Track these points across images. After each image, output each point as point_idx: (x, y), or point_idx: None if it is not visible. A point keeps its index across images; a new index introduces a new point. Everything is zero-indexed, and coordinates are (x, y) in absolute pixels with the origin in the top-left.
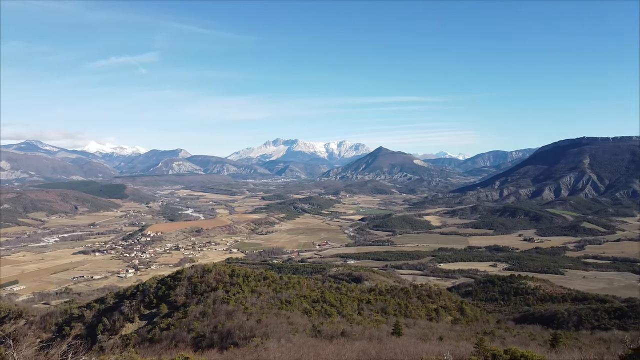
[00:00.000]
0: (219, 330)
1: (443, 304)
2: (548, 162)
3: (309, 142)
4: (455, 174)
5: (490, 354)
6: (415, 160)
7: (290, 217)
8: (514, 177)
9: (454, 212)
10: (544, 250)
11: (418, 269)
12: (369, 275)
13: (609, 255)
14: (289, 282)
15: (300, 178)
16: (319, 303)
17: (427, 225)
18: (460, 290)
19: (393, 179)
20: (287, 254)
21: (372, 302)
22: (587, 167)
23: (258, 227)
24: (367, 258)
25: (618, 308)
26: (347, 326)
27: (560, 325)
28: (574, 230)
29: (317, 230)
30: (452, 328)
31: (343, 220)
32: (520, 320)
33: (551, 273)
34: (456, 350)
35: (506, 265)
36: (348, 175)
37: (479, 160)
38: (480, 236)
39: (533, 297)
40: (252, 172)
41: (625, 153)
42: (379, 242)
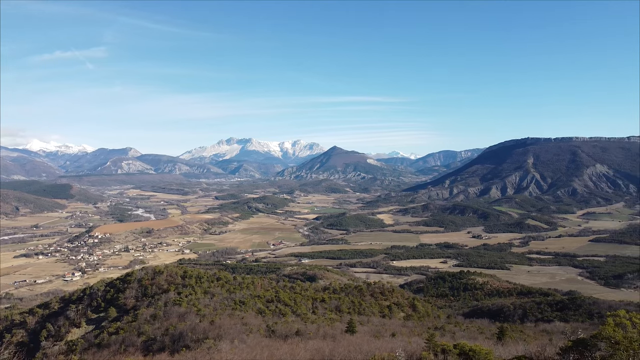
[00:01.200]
0: (170, 333)
1: (396, 301)
2: (495, 161)
3: (263, 141)
4: (407, 173)
5: (440, 349)
6: (369, 159)
7: (245, 216)
8: (463, 176)
9: (406, 210)
10: (491, 246)
11: (371, 267)
12: (323, 274)
13: (551, 250)
14: (243, 283)
15: (255, 177)
16: (274, 303)
17: (381, 223)
18: (412, 287)
19: (347, 178)
20: (241, 254)
21: (326, 301)
22: (531, 167)
23: (211, 227)
24: (322, 257)
25: (560, 301)
26: (301, 325)
27: (506, 319)
28: (519, 227)
29: (272, 230)
30: (404, 324)
31: (298, 219)
32: (470, 315)
33: (498, 268)
34: (408, 346)
35: (456, 262)
36: (302, 174)
37: (430, 159)
38: (432, 234)
39: (481, 292)
40: (205, 172)
41: (566, 153)
42: (333, 241)
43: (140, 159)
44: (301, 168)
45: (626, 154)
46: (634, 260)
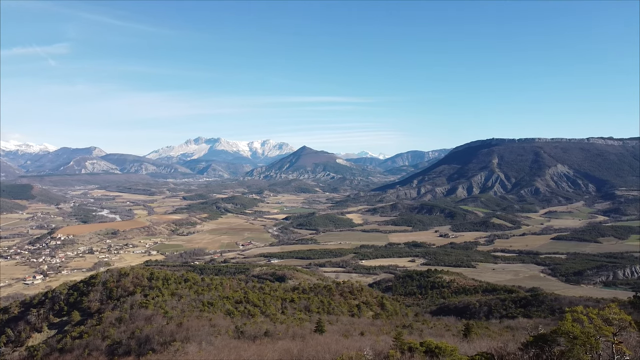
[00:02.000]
0: (136, 336)
1: (365, 300)
2: (461, 161)
3: (232, 140)
4: (376, 173)
5: (407, 347)
6: (338, 159)
7: (213, 217)
8: (430, 176)
9: (375, 210)
10: (458, 245)
11: (341, 266)
12: (292, 274)
13: (515, 248)
14: (212, 284)
15: (223, 177)
16: (242, 304)
17: (350, 223)
18: (381, 285)
19: (317, 178)
20: (209, 254)
21: (295, 301)
22: (496, 167)
23: (179, 228)
24: (291, 257)
25: (523, 297)
26: (270, 326)
27: (472, 316)
28: (484, 225)
29: (241, 230)
30: (373, 323)
31: (267, 219)
32: (437, 313)
33: (464, 266)
34: (376, 344)
35: (424, 260)
36: (272, 174)
37: (398, 159)
38: (400, 233)
39: (448, 290)
40: (172, 172)
41: (529, 154)
42: (302, 241)
43: (105, 158)
44: (270, 168)
45: (586, 155)
46: (593, 257)
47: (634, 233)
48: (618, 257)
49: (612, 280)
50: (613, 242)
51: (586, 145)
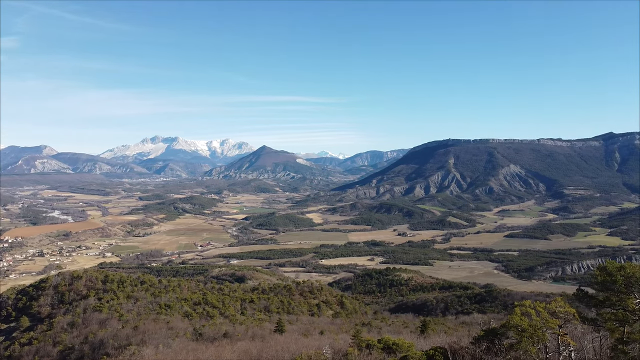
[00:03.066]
0: (90, 341)
1: (324, 299)
2: (419, 161)
3: (191, 140)
4: (336, 172)
5: (365, 345)
6: (298, 159)
7: (171, 217)
8: (389, 176)
9: (335, 209)
10: (415, 243)
11: (301, 266)
12: (252, 275)
13: (471, 246)
14: (169, 286)
15: (181, 177)
16: (201, 305)
17: (310, 222)
18: (340, 284)
19: (277, 178)
20: (167, 256)
21: (255, 301)
22: (452, 167)
23: (135, 229)
24: (251, 257)
25: (478, 293)
26: (229, 327)
27: (429, 312)
28: (441, 224)
29: (199, 231)
30: (332, 322)
31: (226, 219)
32: (395, 310)
33: (422, 264)
34: (335, 343)
35: (383, 259)
36: (231, 174)
37: (357, 159)
38: (359, 232)
39: (406, 288)
40: (128, 171)
41: (484, 154)
42: (262, 241)
43: (56, 157)
44: (230, 168)
45: (536, 155)
46: (543, 254)
47: (581, 230)
48: (566, 253)
49: (560, 275)
50: (562, 239)
51: (537, 146)
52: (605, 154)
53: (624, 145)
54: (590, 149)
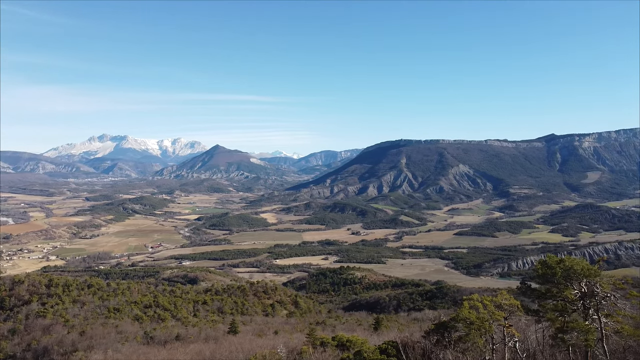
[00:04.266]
0: (33, 348)
1: (279, 299)
2: (372, 161)
3: (141, 138)
4: (290, 172)
5: (320, 342)
6: (252, 159)
7: (120, 218)
8: (343, 176)
9: (289, 209)
10: (369, 242)
11: (255, 266)
12: (205, 276)
13: (422, 244)
14: (118, 289)
15: (131, 177)
16: (152, 308)
17: (264, 222)
18: (295, 284)
19: (230, 178)
20: (116, 258)
21: (208, 303)
22: (404, 167)
23: (81, 231)
24: (204, 258)
25: (429, 290)
26: (182, 329)
27: (382, 310)
28: (393, 223)
29: (150, 232)
30: (287, 321)
31: (178, 220)
32: (349, 308)
33: (375, 263)
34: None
35: (337, 258)
36: (183, 174)
37: (312, 159)
38: (314, 231)
39: (360, 286)
40: (74, 171)
41: (434, 154)
42: (215, 242)
43: None
44: (182, 167)
45: (484, 156)
46: (490, 250)
47: (525, 228)
48: (512, 250)
49: (506, 271)
50: (507, 236)
51: (484, 147)
52: (548, 154)
53: (565, 147)
54: (533, 149)
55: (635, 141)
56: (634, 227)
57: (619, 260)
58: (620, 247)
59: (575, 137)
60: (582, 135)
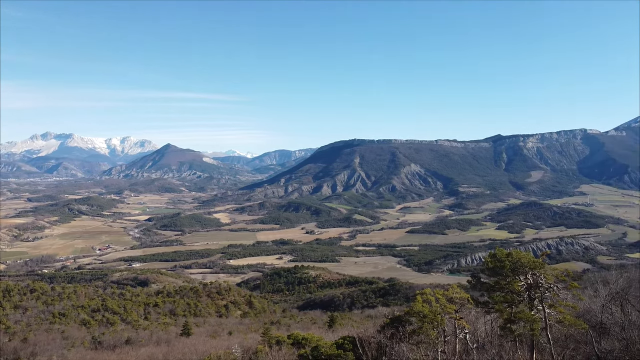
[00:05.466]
0: None
1: (233, 300)
2: (326, 161)
3: (87, 137)
4: (244, 172)
5: (275, 341)
6: (205, 158)
7: (65, 220)
8: (297, 175)
9: (243, 209)
10: (323, 241)
11: (208, 267)
12: (156, 278)
13: (375, 242)
14: (64, 293)
15: (77, 177)
16: (100, 312)
17: (217, 222)
18: (249, 284)
19: (182, 177)
20: (61, 261)
21: (160, 305)
22: (357, 166)
23: (23, 233)
24: (155, 260)
25: (382, 288)
26: (132, 333)
27: (337, 308)
28: (347, 221)
29: (98, 234)
30: (241, 322)
31: (128, 221)
32: (304, 307)
33: (329, 261)
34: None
35: (291, 257)
36: (133, 173)
37: (266, 158)
38: (268, 231)
39: (314, 285)
40: (14, 170)
41: (387, 154)
42: (167, 243)
43: None
44: (131, 166)
45: (434, 155)
46: (441, 248)
47: (474, 225)
48: (461, 247)
49: (456, 267)
50: (457, 234)
51: (435, 147)
52: (494, 154)
53: (510, 147)
54: (481, 149)
55: (575, 142)
56: (574, 224)
57: (560, 255)
58: (561, 242)
59: (520, 138)
60: (526, 136)
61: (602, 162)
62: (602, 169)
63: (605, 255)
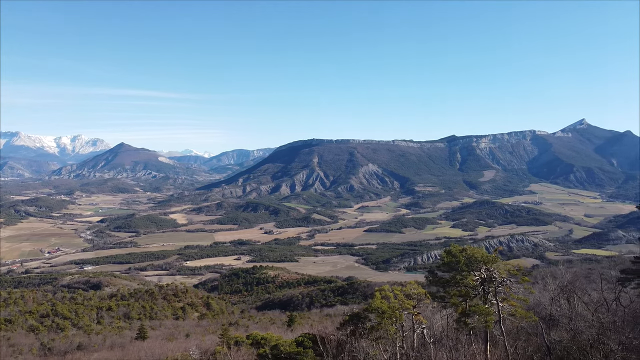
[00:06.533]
0: None
1: (190, 302)
2: (285, 160)
3: (35, 135)
4: (201, 171)
5: (234, 341)
6: (161, 157)
7: (11, 222)
8: (255, 175)
9: (200, 209)
10: (282, 241)
11: (164, 269)
12: (109, 281)
13: (334, 241)
14: (10, 298)
15: (24, 177)
16: (50, 317)
17: (174, 223)
18: (207, 285)
19: (137, 177)
20: (6, 265)
21: (113, 309)
22: (316, 166)
23: None
24: (108, 262)
25: (340, 286)
26: (84, 338)
27: (296, 307)
28: (306, 221)
29: (47, 236)
30: (198, 324)
31: (79, 223)
32: (262, 308)
33: (288, 261)
34: (202, 343)
35: (250, 258)
36: (85, 173)
37: (224, 158)
38: (226, 231)
39: (273, 285)
40: None
41: (345, 153)
42: (121, 244)
43: None
44: (83, 166)
45: (391, 155)
46: (398, 246)
47: (430, 224)
48: (417, 245)
49: (413, 265)
50: (413, 232)
51: (392, 147)
52: (449, 154)
53: (464, 147)
54: (436, 149)
55: (524, 142)
56: (524, 222)
57: (511, 251)
58: (512, 239)
59: (473, 139)
60: (479, 136)
61: (550, 162)
62: (549, 168)
63: (553, 252)
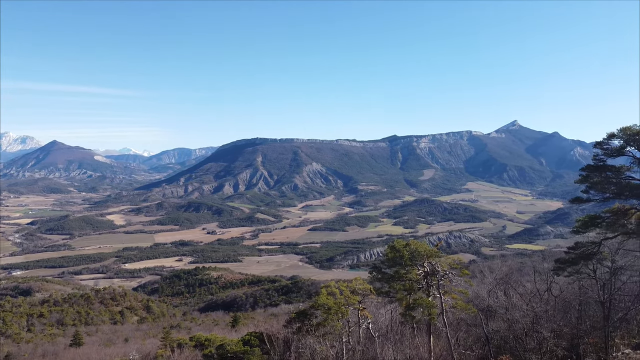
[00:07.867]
0: None
1: (129, 305)
2: (228, 159)
3: None
4: (140, 170)
5: (176, 344)
6: (97, 156)
7: None
8: (198, 174)
9: (140, 209)
10: (225, 241)
11: (101, 272)
12: (41, 286)
13: (278, 240)
14: None
15: None
16: None
17: (111, 225)
18: (146, 288)
19: (71, 177)
20: None
21: (45, 315)
22: (260, 165)
23: None
24: (40, 266)
25: (285, 286)
26: (13, 347)
27: (240, 308)
28: (250, 221)
29: None
30: (138, 328)
31: (6, 225)
32: (205, 309)
33: (232, 261)
34: (143, 348)
35: (192, 259)
36: (12, 172)
37: (164, 157)
38: (167, 232)
39: (216, 286)
40: None
41: (289, 153)
42: (53, 248)
43: None
44: (10, 165)
45: (335, 154)
46: (341, 244)
47: (372, 222)
48: (361, 242)
49: (356, 263)
50: (357, 230)
51: (336, 146)
52: (391, 153)
53: (405, 147)
54: (379, 149)
55: (462, 142)
56: (461, 218)
57: (450, 247)
58: (450, 236)
59: (413, 138)
60: (419, 136)
61: (485, 161)
62: (485, 167)
63: (488, 247)
